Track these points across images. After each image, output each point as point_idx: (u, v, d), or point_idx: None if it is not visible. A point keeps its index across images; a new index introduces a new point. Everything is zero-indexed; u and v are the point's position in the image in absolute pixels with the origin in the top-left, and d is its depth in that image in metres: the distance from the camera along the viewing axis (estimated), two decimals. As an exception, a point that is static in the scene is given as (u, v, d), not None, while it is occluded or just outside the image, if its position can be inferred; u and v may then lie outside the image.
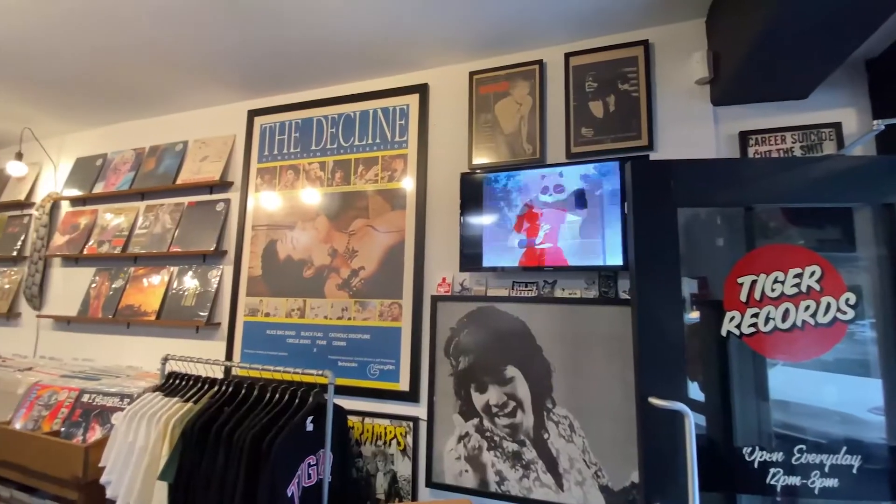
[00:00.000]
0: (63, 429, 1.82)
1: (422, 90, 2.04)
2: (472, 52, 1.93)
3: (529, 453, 1.62)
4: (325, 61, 2.02)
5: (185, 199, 2.45)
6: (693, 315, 1.24)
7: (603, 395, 1.56)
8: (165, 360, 1.84)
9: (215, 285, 2.24)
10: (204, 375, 1.76)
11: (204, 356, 1.86)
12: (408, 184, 2.00)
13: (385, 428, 1.85)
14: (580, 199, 1.65)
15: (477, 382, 1.72)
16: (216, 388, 1.66)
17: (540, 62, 1.87)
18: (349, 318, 1.97)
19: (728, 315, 1.19)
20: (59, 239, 2.79)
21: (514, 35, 1.82)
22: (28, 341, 2.86)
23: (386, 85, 2.12)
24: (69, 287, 2.74)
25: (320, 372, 1.58)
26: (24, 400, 2.01)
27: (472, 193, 1.80)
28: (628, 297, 1.59)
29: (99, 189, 2.70)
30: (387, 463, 1.80)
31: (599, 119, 1.75)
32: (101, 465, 1.55)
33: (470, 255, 1.77)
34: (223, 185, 2.35)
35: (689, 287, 1.23)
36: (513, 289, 1.77)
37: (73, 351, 2.63)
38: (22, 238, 2.99)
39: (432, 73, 2.07)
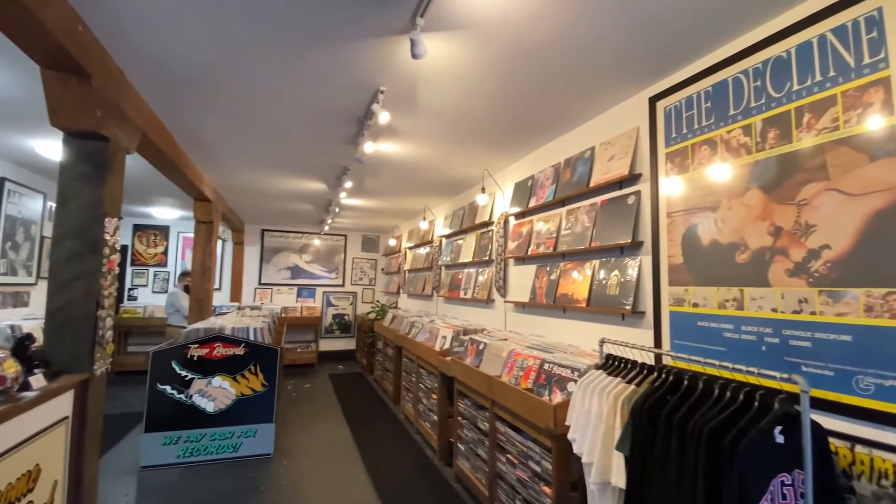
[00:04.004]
0: (534, 388, 2.36)
1: (915, -28, 1.36)
2: None
3: None
4: (732, 6, 1.70)
5: (598, 199, 2.69)
6: None
7: None
8: (602, 342, 2.06)
9: (635, 275, 2.32)
10: (634, 360, 1.83)
11: (630, 342, 1.95)
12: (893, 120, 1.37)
13: (894, 465, 1.31)
14: None
15: None
16: (655, 375, 1.68)
17: None
18: (812, 313, 1.55)
19: None
20: (510, 245, 3.71)
21: None
22: (499, 319, 3.95)
23: (839, -5, 1.55)
24: (520, 280, 3.59)
25: (786, 376, 1.30)
26: (507, 362, 2.76)
27: None
28: None
29: (532, 203, 3.40)
30: (911, 519, 1.26)
31: None
32: (566, 423, 1.89)
33: None
34: (632, 178, 2.41)
35: None
36: None
37: (528, 328, 3.41)
38: (489, 247, 4.19)
39: (936, -63, 1.34)
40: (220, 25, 1.89)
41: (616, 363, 1.91)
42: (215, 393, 3.66)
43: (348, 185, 4.58)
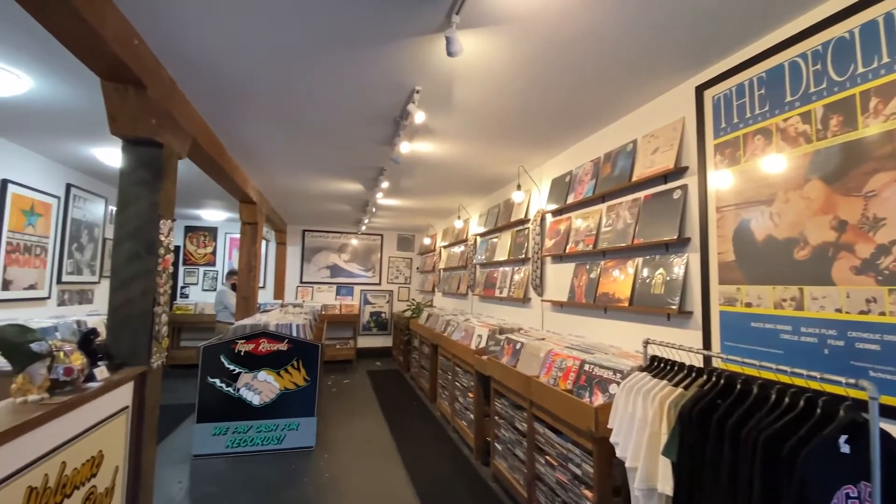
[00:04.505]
0: (573, 389, 2.31)
1: None
2: None
3: None
4: (797, -15, 1.59)
5: (641, 194, 2.59)
6: None
7: None
8: (646, 343, 1.98)
9: (681, 274, 2.21)
10: (681, 362, 1.75)
11: (676, 343, 1.87)
12: None
13: (985, 485, 1.18)
14: None
15: None
16: (704, 378, 1.60)
17: None
18: (881, 314, 1.42)
19: None
20: (547, 243, 3.65)
21: None
22: (536, 318, 3.89)
23: (915, -35, 1.42)
24: (558, 278, 3.52)
25: (852, 381, 1.20)
26: (544, 362, 2.71)
27: None
28: None
29: (570, 200, 3.32)
30: None
31: None
32: (609, 426, 1.84)
33: None
34: (678, 171, 2.31)
35: None
36: None
37: (567, 328, 3.34)
38: (525, 245, 4.13)
39: None
40: (263, 35, 1.96)
41: (661, 365, 1.84)
42: (261, 387, 3.81)
43: (384, 185, 4.64)
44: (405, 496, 3.02)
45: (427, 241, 8.27)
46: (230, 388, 3.74)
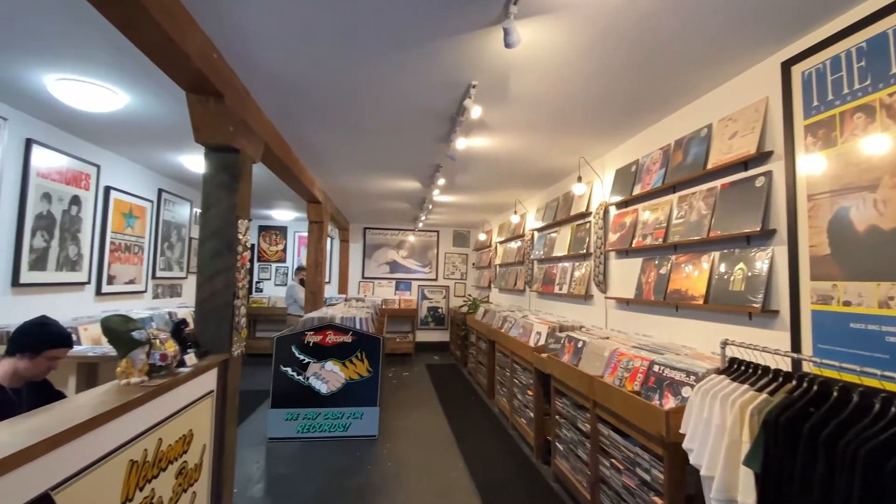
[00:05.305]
0: (641, 390, 2.19)
1: None
2: None
3: None
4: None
5: (717, 182, 2.40)
6: None
7: None
8: (725, 344, 1.83)
9: (765, 269, 2.02)
10: (765, 366, 1.60)
11: (759, 344, 1.71)
12: None
13: None
14: None
15: None
16: (793, 384, 1.45)
17: None
18: None
19: None
20: (611, 237, 3.49)
21: None
22: (599, 317, 3.74)
23: None
24: (623, 274, 3.35)
25: (984, 392, 1.03)
26: (609, 362, 2.60)
27: None
28: None
29: (637, 191, 3.15)
30: None
31: None
32: (681, 431, 1.73)
33: None
34: (760, 157, 2.11)
35: None
36: None
37: (633, 327, 3.18)
38: (587, 239, 3.98)
39: None
40: (326, 42, 2.05)
41: (742, 368, 1.70)
42: (328, 376, 4.02)
43: (441, 182, 4.68)
44: (465, 489, 3.05)
45: (482, 236, 8.24)
46: (300, 377, 3.98)
